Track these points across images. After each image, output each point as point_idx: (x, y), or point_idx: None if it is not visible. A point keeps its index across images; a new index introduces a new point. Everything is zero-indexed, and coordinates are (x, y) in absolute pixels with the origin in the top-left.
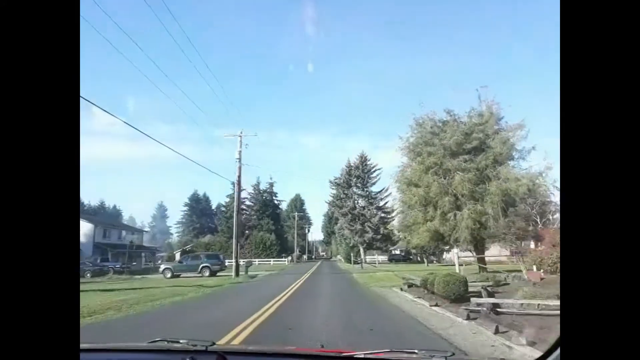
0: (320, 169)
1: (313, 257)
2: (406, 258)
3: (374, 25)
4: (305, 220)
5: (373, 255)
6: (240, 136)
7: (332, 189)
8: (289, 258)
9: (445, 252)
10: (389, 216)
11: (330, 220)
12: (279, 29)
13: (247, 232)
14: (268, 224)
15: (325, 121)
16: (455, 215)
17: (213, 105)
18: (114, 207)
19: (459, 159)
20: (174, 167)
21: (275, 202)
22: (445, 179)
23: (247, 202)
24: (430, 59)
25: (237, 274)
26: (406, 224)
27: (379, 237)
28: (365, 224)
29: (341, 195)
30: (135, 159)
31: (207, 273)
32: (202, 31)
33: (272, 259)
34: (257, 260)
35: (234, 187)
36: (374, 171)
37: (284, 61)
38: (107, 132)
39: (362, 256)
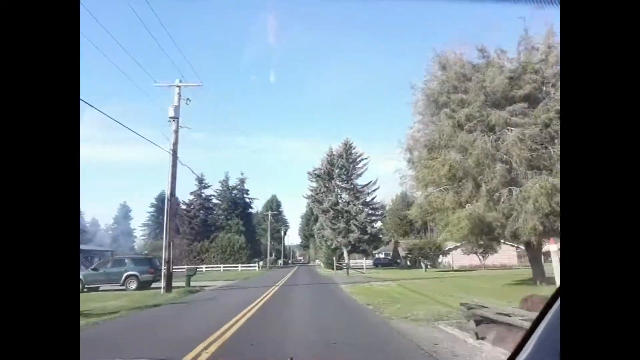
0: (300, 173)
1: (290, 262)
2: (392, 262)
3: (356, 26)
4: (281, 222)
5: (356, 259)
6: (179, 86)
7: (312, 181)
8: (260, 264)
9: (442, 256)
10: (377, 213)
11: (308, 222)
12: (255, 29)
13: (214, 233)
14: (237, 224)
15: (308, 125)
16: (511, 193)
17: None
18: None
19: (506, 111)
20: (142, 166)
21: (247, 200)
22: (489, 137)
23: (214, 200)
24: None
25: (168, 289)
26: (426, 210)
27: (365, 237)
28: (350, 221)
29: (322, 189)
30: (100, 156)
31: (133, 285)
32: (171, 27)
33: (240, 265)
34: (222, 266)
35: (199, 181)
36: (360, 161)
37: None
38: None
39: (347, 260)
